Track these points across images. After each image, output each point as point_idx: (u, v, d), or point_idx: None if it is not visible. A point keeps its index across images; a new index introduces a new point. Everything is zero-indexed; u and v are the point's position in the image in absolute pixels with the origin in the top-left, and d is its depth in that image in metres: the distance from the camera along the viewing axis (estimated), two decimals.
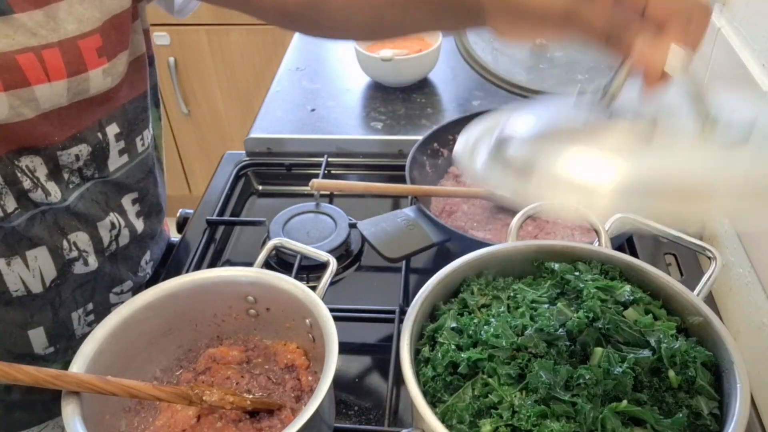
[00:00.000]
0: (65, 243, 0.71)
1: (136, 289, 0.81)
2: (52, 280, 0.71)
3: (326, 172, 1.00)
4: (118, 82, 0.69)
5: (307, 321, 0.61)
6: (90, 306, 0.76)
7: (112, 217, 0.75)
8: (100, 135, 0.70)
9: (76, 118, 0.67)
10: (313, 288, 0.62)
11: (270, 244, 0.70)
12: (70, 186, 0.70)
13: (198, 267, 0.86)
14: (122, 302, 0.66)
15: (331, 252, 0.74)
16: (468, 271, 0.60)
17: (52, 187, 0.68)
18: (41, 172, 0.67)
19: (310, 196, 0.97)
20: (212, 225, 0.92)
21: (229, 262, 0.91)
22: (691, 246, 0.62)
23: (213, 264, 0.89)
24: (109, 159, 0.72)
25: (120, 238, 0.77)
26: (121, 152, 0.73)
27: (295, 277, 0.65)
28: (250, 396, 0.62)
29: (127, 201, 0.77)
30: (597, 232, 0.64)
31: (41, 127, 0.64)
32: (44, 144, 0.66)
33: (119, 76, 0.69)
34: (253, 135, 1.07)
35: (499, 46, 1.16)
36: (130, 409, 0.61)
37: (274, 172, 1.04)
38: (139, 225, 0.79)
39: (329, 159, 1.00)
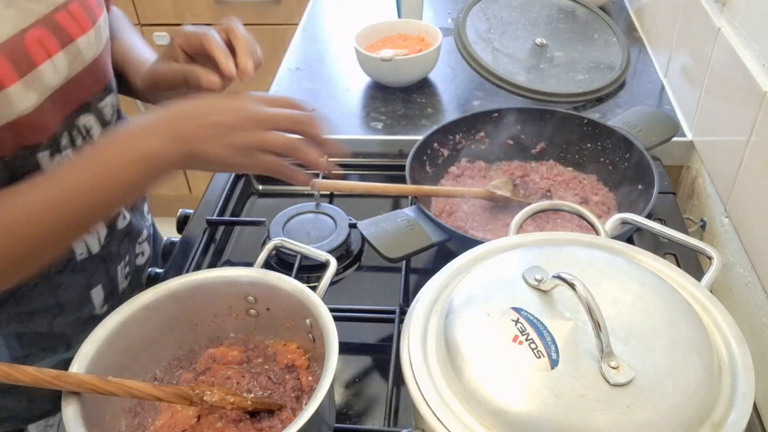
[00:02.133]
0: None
1: (148, 239, 0.88)
2: (105, 237, 0.77)
3: (326, 172, 0.99)
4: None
5: (307, 321, 0.62)
6: (127, 258, 0.82)
7: None
8: (115, 83, 0.77)
9: (104, 69, 0.74)
10: (313, 288, 0.62)
11: (270, 244, 0.70)
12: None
13: (198, 267, 0.86)
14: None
15: (331, 252, 0.74)
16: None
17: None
18: (95, 130, 0.73)
19: (310, 196, 0.97)
20: (212, 225, 0.92)
21: (229, 262, 0.91)
22: (691, 246, 0.62)
23: (213, 264, 0.89)
24: (117, 107, 0.78)
25: None
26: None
27: (295, 277, 0.65)
28: (251, 396, 0.62)
29: None
30: (597, 233, 0.64)
31: (87, 81, 0.70)
32: (90, 98, 0.72)
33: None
34: None
35: (499, 45, 1.16)
36: (130, 410, 0.61)
37: None
38: None
39: (329, 160, 1.00)
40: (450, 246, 0.82)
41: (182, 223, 0.95)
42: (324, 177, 0.86)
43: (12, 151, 0.63)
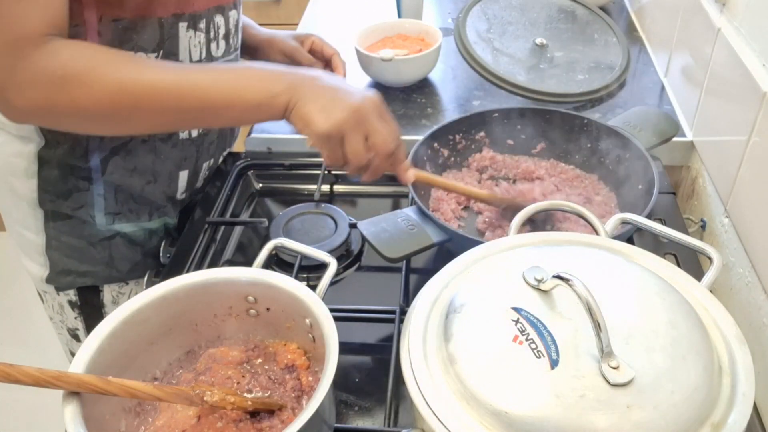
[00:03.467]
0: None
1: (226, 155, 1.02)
2: (203, 128, 0.90)
3: (326, 172, 1.00)
4: None
5: (308, 321, 0.62)
6: (211, 162, 0.97)
7: None
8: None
9: None
10: (314, 288, 0.62)
11: (270, 244, 0.70)
12: (231, 48, 0.89)
13: (198, 267, 0.86)
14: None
15: (331, 252, 0.74)
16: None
17: (223, 44, 0.87)
18: (222, 30, 0.86)
19: (310, 196, 0.97)
20: (212, 225, 0.92)
21: (229, 262, 0.91)
22: (691, 246, 0.62)
23: (213, 264, 0.89)
24: (239, 29, 0.91)
25: None
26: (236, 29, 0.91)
27: (296, 277, 0.65)
28: (251, 396, 0.62)
29: None
30: (597, 233, 0.64)
31: None
32: (226, 4, 0.85)
33: None
34: (254, 135, 1.07)
35: (499, 45, 1.16)
36: (130, 410, 0.61)
37: (274, 172, 1.04)
38: None
39: None
40: (450, 246, 0.82)
41: (182, 223, 0.95)
42: None
43: (167, 14, 0.78)
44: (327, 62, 1.07)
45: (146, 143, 0.85)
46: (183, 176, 0.92)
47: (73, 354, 0.95)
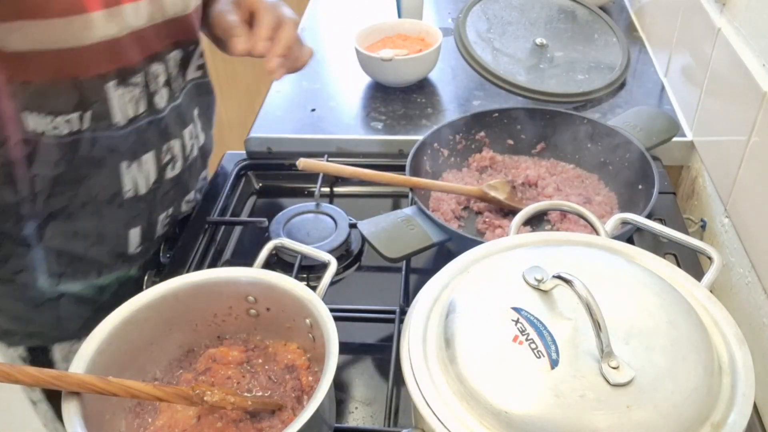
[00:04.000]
0: (165, 147, 0.82)
1: (192, 204, 0.94)
2: (154, 182, 0.82)
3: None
4: None
5: (308, 321, 0.62)
6: (170, 210, 0.88)
7: (191, 127, 0.86)
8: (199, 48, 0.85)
9: (187, 29, 0.80)
10: (314, 288, 0.62)
11: (270, 244, 0.70)
12: (175, 92, 0.82)
13: (198, 267, 0.86)
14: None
15: (331, 252, 0.74)
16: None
17: (166, 92, 0.80)
18: (162, 78, 0.79)
19: (310, 196, 0.97)
20: (212, 225, 0.92)
21: (229, 262, 0.91)
22: (691, 246, 0.62)
23: (213, 264, 0.89)
24: (189, 65, 0.85)
25: (194, 148, 0.88)
26: (199, 68, 0.87)
27: (296, 277, 0.65)
28: (251, 396, 0.62)
29: (195, 113, 0.88)
30: (597, 233, 0.64)
31: (165, 33, 0.77)
32: (164, 50, 0.78)
33: None
34: (254, 135, 1.07)
35: (499, 45, 1.16)
36: (130, 410, 0.61)
37: (274, 172, 1.04)
38: (202, 138, 0.91)
39: (329, 159, 1.00)
40: (450, 246, 0.82)
41: (182, 223, 0.95)
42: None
43: (86, 75, 0.71)
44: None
45: (87, 206, 0.78)
46: (134, 233, 0.84)
47: (35, 403, 0.92)
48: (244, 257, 0.91)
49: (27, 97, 0.69)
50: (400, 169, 0.89)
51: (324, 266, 0.66)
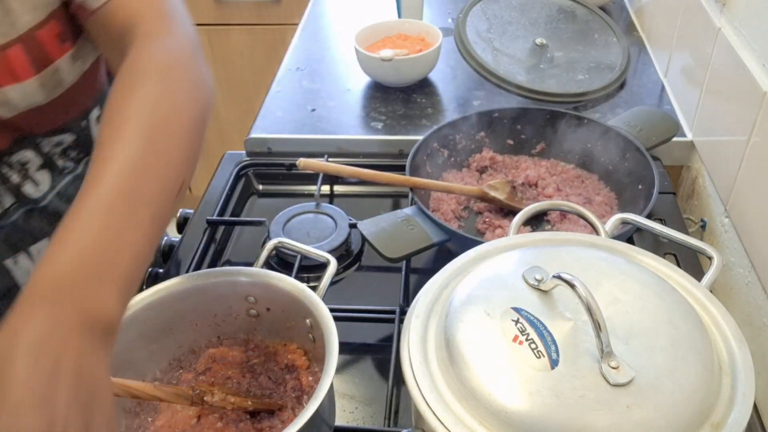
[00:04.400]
0: None
1: None
2: None
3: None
4: (92, 62, 0.69)
5: (308, 321, 0.61)
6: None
7: None
8: (83, 123, 0.71)
9: (63, 113, 0.68)
10: (314, 288, 0.62)
11: (270, 244, 0.70)
12: (65, 172, 0.71)
13: (198, 267, 0.86)
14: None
15: (331, 252, 0.74)
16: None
17: (43, 176, 0.69)
18: (33, 164, 0.68)
19: (310, 196, 0.97)
20: (212, 225, 0.92)
21: (229, 262, 0.91)
22: (691, 246, 0.62)
23: (213, 264, 0.89)
24: (94, 143, 0.71)
25: None
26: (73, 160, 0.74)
27: (296, 277, 0.65)
28: (251, 396, 0.62)
29: None
30: (597, 233, 0.64)
31: (24, 125, 0.65)
32: (29, 137, 0.67)
33: (91, 57, 0.68)
34: (253, 135, 1.07)
35: (499, 45, 1.16)
36: (130, 410, 0.61)
37: (274, 172, 1.04)
38: None
39: (329, 159, 1.00)
40: (450, 246, 0.82)
41: (182, 223, 0.95)
42: None
43: None
44: None
45: None
46: None
47: None
48: (244, 257, 0.91)
49: None
50: (400, 169, 0.89)
51: (324, 266, 0.66)
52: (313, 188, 0.97)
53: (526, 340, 0.48)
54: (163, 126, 0.52)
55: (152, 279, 0.86)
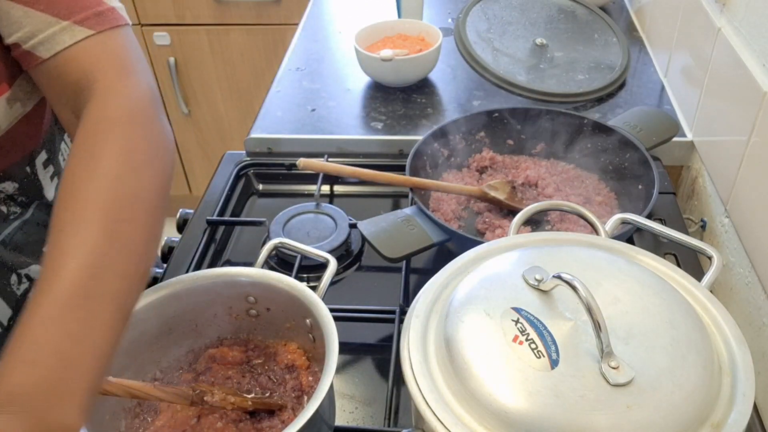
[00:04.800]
0: (14, 278, 0.67)
1: None
2: (9, 319, 0.67)
3: None
4: (35, 105, 0.64)
5: (308, 321, 0.61)
6: None
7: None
8: (28, 168, 0.66)
9: (0, 157, 0.63)
10: (314, 288, 0.62)
11: (270, 244, 0.70)
12: (10, 218, 0.66)
13: (198, 267, 0.86)
14: None
15: (331, 252, 0.74)
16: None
17: None
18: None
19: (310, 196, 0.97)
20: (212, 225, 0.92)
21: (229, 262, 0.91)
22: (691, 246, 0.62)
23: (213, 264, 0.89)
24: (43, 189, 0.69)
25: None
26: (53, 177, 0.70)
27: (296, 277, 0.65)
28: (251, 396, 0.62)
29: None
30: (597, 233, 0.64)
31: None
32: None
33: (33, 100, 0.63)
34: (254, 135, 1.07)
35: (499, 45, 1.16)
36: (130, 410, 0.61)
37: (274, 172, 1.04)
38: None
39: (329, 159, 1.00)
40: (450, 246, 0.82)
41: (182, 224, 0.95)
42: None
43: None
44: None
45: None
46: None
47: None
48: (244, 257, 0.91)
49: None
50: (400, 169, 0.89)
51: (324, 266, 0.66)
52: (313, 188, 0.97)
53: (526, 340, 0.48)
54: (124, 210, 0.48)
55: (152, 279, 0.86)
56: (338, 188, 1.01)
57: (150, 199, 0.50)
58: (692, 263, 0.81)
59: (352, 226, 0.89)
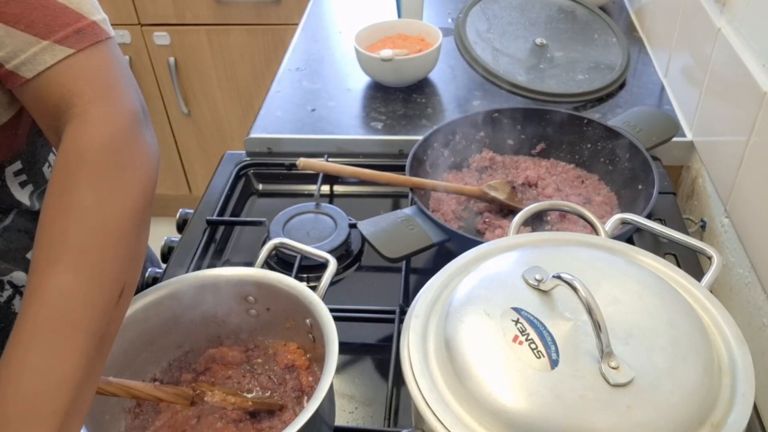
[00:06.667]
0: None
1: None
2: None
3: None
4: (10, 118, 0.64)
5: (308, 321, 0.62)
6: None
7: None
8: None
9: None
10: (313, 288, 0.62)
11: (270, 244, 0.70)
12: None
13: (198, 267, 0.86)
14: None
15: (331, 252, 0.74)
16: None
17: None
18: None
19: (310, 196, 0.97)
20: (212, 225, 0.92)
21: (229, 262, 0.91)
22: (691, 246, 0.62)
23: (213, 264, 0.89)
24: (15, 197, 0.69)
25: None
26: (23, 184, 0.70)
27: (295, 277, 0.65)
28: (251, 396, 0.62)
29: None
30: (597, 233, 0.64)
31: None
32: None
33: (7, 114, 0.63)
34: (253, 135, 1.07)
35: (499, 45, 1.16)
36: (130, 410, 0.61)
37: (274, 172, 1.04)
38: None
39: (329, 159, 1.00)
40: (450, 246, 0.82)
41: (182, 223, 0.95)
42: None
43: None
44: None
45: None
46: None
47: None
48: (244, 257, 0.91)
49: None
50: (400, 169, 0.89)
51: (324, 266, 0.66)
52: (313, 188, 0.97)
53: (526, 340, 0.48)
54: (91, 241, 0.49)
55: (152, 279, 0.86)
56: (338, 188, 1.01)
57: (121, 226, 0.51)
58: (692, 263, 0.81)
59: (352, 226, 0.89)
